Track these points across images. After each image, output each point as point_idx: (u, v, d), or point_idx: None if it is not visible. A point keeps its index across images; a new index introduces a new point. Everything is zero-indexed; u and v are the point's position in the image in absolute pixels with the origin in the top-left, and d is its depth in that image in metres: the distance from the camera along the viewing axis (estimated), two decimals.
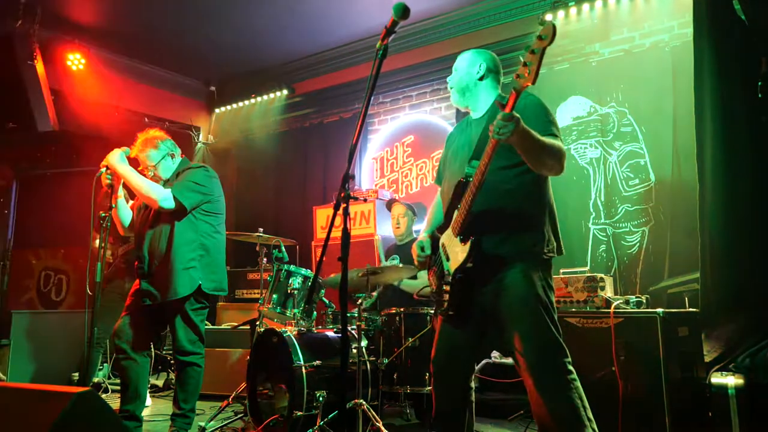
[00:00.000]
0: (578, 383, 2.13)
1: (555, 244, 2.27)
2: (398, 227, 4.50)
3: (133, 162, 3.29)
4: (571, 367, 2.14)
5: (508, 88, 1.99)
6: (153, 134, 3.39)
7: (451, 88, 2.50)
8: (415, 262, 2.52)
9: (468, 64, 2.45)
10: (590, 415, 2.11)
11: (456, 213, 2.25)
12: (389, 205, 4.78)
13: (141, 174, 3.27)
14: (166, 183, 3.35)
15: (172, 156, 3.41)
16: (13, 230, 6.45)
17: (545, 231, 2.24)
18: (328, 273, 4.04)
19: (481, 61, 2.42)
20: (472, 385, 2.41)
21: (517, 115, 1.92)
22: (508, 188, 2.24)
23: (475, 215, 2.19)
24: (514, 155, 2.12)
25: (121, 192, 3.32)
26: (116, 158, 3.19)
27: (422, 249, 2.47)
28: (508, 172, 2.24)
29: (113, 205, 3.22)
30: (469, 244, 2.17)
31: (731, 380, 2.98)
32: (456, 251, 2.24)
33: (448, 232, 2.30)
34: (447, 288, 2.27)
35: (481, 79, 2.41)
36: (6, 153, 6.29)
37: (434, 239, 2.44)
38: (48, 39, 5.44)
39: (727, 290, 3.39)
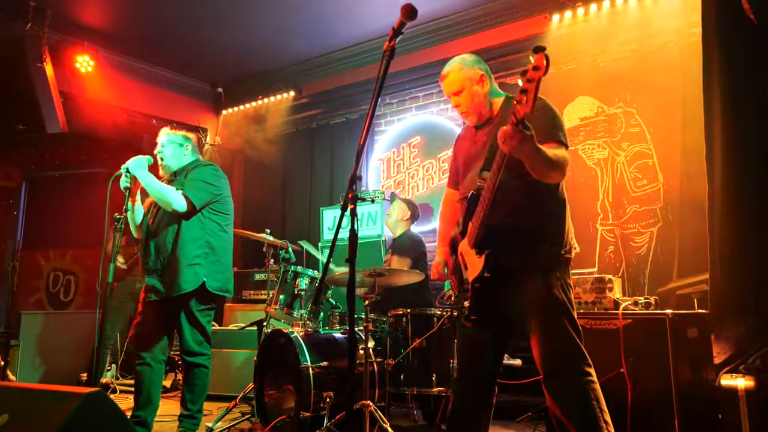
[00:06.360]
0: (596, 385, 2.12)
1: (571, 244, 2.27)
2: (389, 215, 4.68)
3: (153, 169, 3.31)
4: (589, 369, 2.13)
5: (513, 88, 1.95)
6: (178, 130, 3.49)
7: (463, 113, 2.50)
8: (433, 276, 2.55)
9: (470, 80, 2.47)
10: (607, 418, 2.09)
11: (470, 225, 2.25)
12: (392, 198, 4.84)
13: (155, 170, 3.30)
14: (173, 176, 3.37)
15: (187, 147, 3.44)
16: (22, 231, 6.49)
17: (562, 234, 2.23)
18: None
19: (480, 69, 2.46)
20: (495, 388, 2.41)
21: (528, 132, 1.82)
22: (521, 198, 2.22)
23: (489, 228, 2.17)
24: (523, 165, 2.07)
25: (138, 196, 3.35)
26: (138, 165, 3.20)
27: (445, 265, 2.50)
28: (519, 181, 2.19)
29: (128, 208, 3.23)
30: (483, 257, 2.17)
31: (741, 382, 2.95)
32: (473, 262, 2.24)
33: (465, 241, 2.30)
34: (467, 294, 2.29)
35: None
36: (15, 155, 6.34)
37: (453, 245, 2.45)
38: (57, 41, 5.48)
39: (737, 291, 3.36)
